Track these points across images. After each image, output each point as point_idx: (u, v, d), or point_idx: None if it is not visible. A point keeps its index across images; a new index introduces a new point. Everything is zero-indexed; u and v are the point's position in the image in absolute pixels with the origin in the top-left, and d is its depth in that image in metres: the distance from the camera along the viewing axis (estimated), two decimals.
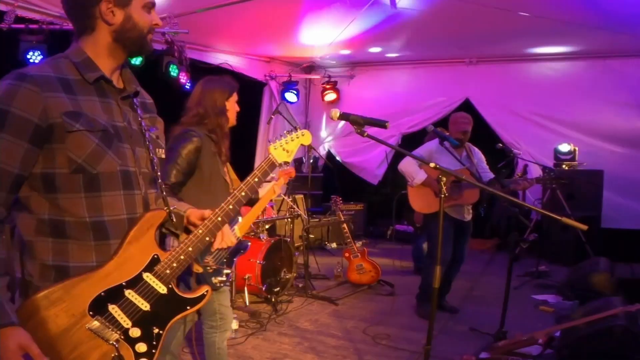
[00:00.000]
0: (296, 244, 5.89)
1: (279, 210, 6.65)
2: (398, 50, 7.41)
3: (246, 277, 4.52)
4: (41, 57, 4.73)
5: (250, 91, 7.97)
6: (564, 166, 6.54)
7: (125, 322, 1.38)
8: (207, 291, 1.54)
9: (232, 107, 2.69)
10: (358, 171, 8.50)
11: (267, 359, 3.48)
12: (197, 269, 2.41)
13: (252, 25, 6.13)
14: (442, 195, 2.26)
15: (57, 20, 4.83)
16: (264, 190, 3.43)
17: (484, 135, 6.97)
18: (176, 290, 1.48)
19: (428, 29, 6.19)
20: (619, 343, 2.97)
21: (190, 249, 1.48)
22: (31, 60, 4.70)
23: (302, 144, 1.80)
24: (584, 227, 1.93)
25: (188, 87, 5.95)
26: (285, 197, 5.82)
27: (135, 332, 1.40)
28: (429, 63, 7.81)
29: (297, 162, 8.46)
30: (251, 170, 1.69)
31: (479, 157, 4.49)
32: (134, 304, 1.40)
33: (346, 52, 7.38)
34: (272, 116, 6.02)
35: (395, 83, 8.10)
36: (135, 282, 1.40)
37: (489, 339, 3.75)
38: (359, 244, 5.41)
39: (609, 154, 6.71)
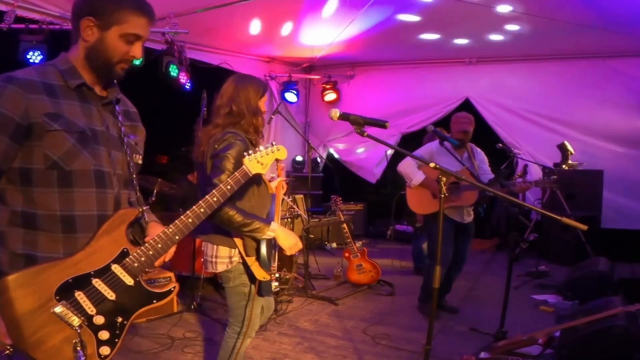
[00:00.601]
0: None
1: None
2: (398, 50, 7.42)
3: None
4: (41, 57, 4.72)
5: None
6: (563, 166, 6.54)
7: (90, 308, 1.45)
8: (174, 287, 1.64)
9: (263, 108, 2.56)
10: (356, 169, 8.50)
11: (267, 359, 3.48)
12: (266, 277, 2.42)
13: (253, 25, 6.13)
14: (442, 195, 2.26)
15: (57, 20, 4.83)
16: (273, 185, 3.38)
17: (484, 135, 6.98)
18: (143, 283, 1.55)
19: (428, 29, 6.19)
20: (619, 343, 2.97)
21: (159, 245, 1.56)
22: (31, 60, 4.70)
23: (277, 159, 1.94)
24: (584, 227, 1.93)
25: (188, 87, 5.96)
26: (285, 197, 5.82)
27: (99, 320, 1.47)
28: (429, 63, 7.81)
29: (297, 162, 8.47)
30: None
31: (481, 158, 4.48)
32: (100, 292, 1.47)
33: (346, 52, 7.38)
34: (272, 116, 6.02)
35: (395, 83, 8.10)
36: (103, 272, 1.48)
37: (488, 339, 3.75)
38: (358, 244, 5.41)
39: (609, 154, 6.72)
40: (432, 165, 2.18)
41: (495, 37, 6.29)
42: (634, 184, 6.55)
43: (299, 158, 8.48)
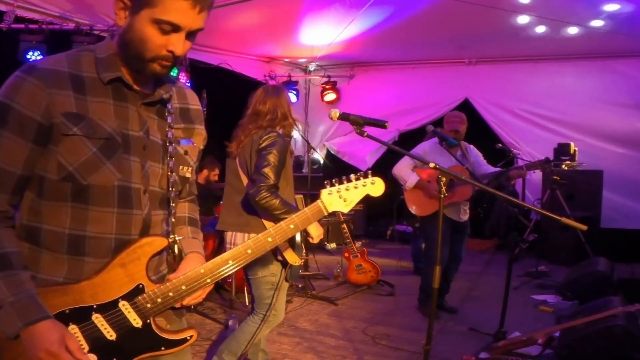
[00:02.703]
0: None
1: None
2: (398, 50, 7.42)
3: None
4: (41, 57, 4.73)
5: (249, 91, 7.94)
6: (563, 166, 6.54)
7: (82, 345, 1.23)
8: (191, 336, 1.36)
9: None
10: (348, 159, 8.39)
11: None
12: (298, 261, 2.57)
13: (252, 25, 6.13)
14: (442, 195, 2.26)
15: (57, 20, 4.83)
16: None
17: (483, 135, 6.99)
18: (154, 327, 1.30)
19: (428, 29, 6.20)
20: (619, 343, 2.97)
21: (183, 287, 1.29)
22: (31, 60, 4.71)
23: (369, 195, 1.51)
24: (584, 227, 1.93)
25: (188, 87, 5.95)
26: None
27: (92, 358, 1.25)
28: (429, 63, 7.81)
29: (297, 162, 8.47)
30: None
31: (475, 153, 4.50)
32: (99, 330, 1.25)
33: (346, 52, 7.38)
34: None
35: (395, 83, 8.10)
36: (108, 308, 1.25)
37: (488, 339, 3.75)
38: (358, 244, 5.41)
39: (609, 154, 6.72)
40: (431, 165, 2.18)
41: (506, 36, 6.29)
42: (634, 184, 6.55)
43: (299, 158, 8.48)
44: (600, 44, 6.28)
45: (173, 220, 1.38)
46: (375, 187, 1.52)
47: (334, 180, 1.46)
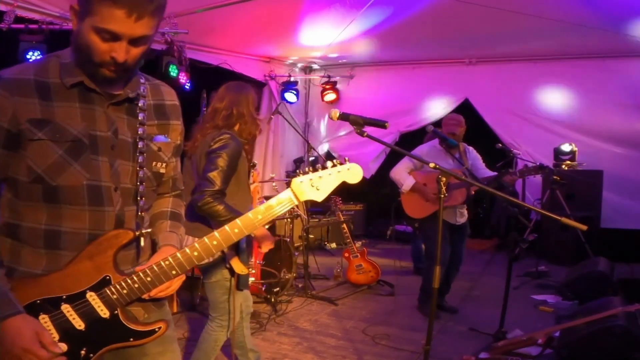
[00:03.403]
0: (296, 244, 5.89)
1: None
2: (398, 50, 7.42)
3: None
4: (41, 57, 4.72)
5: None
6: (563, 166, 6.54)
7: (53, 335, 1.29)
8: (159, 328, 1.39)
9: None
10: None
11: (267, 359, 3.48)
12: (244, 270, 2.48)
13: (252, 25, 6.13)
14: (442, 196, 2.27)
15: (57, 20, 4.83)
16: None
17: (483, 136, 6.99)
18: (122, 318, 1.34)
19: (428, 29, 6.19)
20: (619, 343, 2.97)
21: (148, 279, 1.33)
22: (31, 60, 4.70)
23: (346, 182, 1.43)
24: (584, 227, 1.93)
25: (188, 87, 5.96)
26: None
27: (62, 347, 1.29)
28: (429, 63, 7.81)
29: (297, 162, 8.47)
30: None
31: (474, 155, 4.51)
32: (67, 320, 1.30)
33: (346, 52, 7.38)
34: (272, 116, 6.02)
35: (395, 83, 8.09)
36: (76, 299, 1.30)
37: (488, 339, 3.75)
38: (358, 244, 5.41)
39: (609, 154, 6.72)
40: (431, 165, 2.18)
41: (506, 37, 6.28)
42: (634, 185, 6.55)
43: (299, 158, 8.48)
44: (600, 44, 6.28)
45: (141, 214, 1.41)
46: (352, 173, 1.43)
47: (307, 168, 1.41)
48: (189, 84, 5.96)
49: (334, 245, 7.38)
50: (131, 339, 1.36)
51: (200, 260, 1.37)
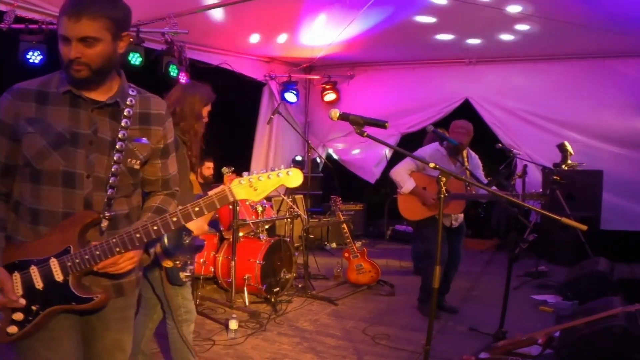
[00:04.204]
0: (296, 244, 5.89)
1: (278, 211, 6.65)
2: (398, 50, 7.42)
3: (246, 277, 4.52)
4: (41, 57, 4.72)
5: (249, 91, 7.96)
6: (563, 166, 6.54)
7: (18, 290, 1.59)
8: (97, 296, 1.63)
9: (205, 115, 2.79)
10: (355, 169, 8.49)
11: (267, 359, 3.48)
12: (168, 263, 2.47)
13: (252, 25, 6.13)
14: (442, 196, 2.27)
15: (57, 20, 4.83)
16: (214, 192, 3.46)
17: (483, 136, 6.98)
18: (70, 283, 1.61)
19: (428, 29, 6.20)
20: (619, 343, 2.97)
21: (97, 252, 1.59)
22: (31, 61, 4.70)
23: (284, 185, 1.60)
24: (584, 227, 1.93)
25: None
26: (285, 197, 5.82)
27: (21, 302, 1.58)
28: (429, 63, 7.81)
29: (297, 162, 8.47)
30: (248, 170, 1.66)
31: (476, 163, 4.50)
32: (32, 279, 1.60)
33: (346, 52, 7.38)
34: (272, 116, 6.03)
35: (395, 83, 8.09)
36: (42, 263, 1.60)
37: (488, 339, 3.75)
38: (358, 244, 5.41)
39: (608, 155, 6.71)
40: (431, 165, 2.19)
41: (506, 37, 6.28)
42: (634, 185, 6.54)
43: (299, 158, 8.47)
44: (600, 44, 6.28)
45: (110, 200, 1.67)
46: (292, 177, 1.59)
47: (255, 171, 1.57)
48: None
49: (334, 245, 7.38)
50: (72, 303, 1.62)
51: (142, 243, 1.60)
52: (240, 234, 4.80)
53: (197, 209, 1.58)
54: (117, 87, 1.68)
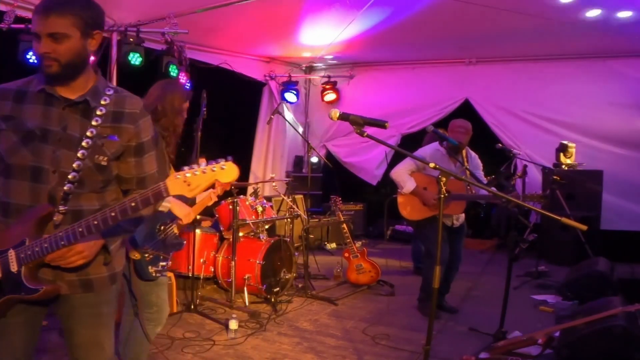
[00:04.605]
0: (296, 244, 5.89)
1: (278, 211, 6.65)
2: (398, 50, 7.42)
3: (246, 277, 4.52)
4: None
5: (249, 91, 7.97)
6: (563, 166, 6.54)
7: None
8: (42, 288, 1.66)
9: (184, 112, 2.83)
10: (357, 171, 8.49)
11: (267, 359, 3.48)
12: (135, 255, 2.45)
13: (252, 25, 6.13)
14: (442, 196, 2.27)
15: None
16: (201, 196, 3.47)
17: (483, 136, 6.99)
18: (23, 274, 1.66)
19: (428, 29, 6.20)
20: (619, 343, 2.97)
21: (45, 245, 1.63)
22: (31, 60, 4.69)
23: (218, 180, 1.53)
24: (584, 227, 1.94)
25: (188, 87, 5.96)
26: (285, 197, 5.82)
27: None
28: (429, 63, 7.81)
29: (297, 162, 8.47)
30: (247, 170, 1.64)
31: (476, 163, 4.50)
32: None
33: (346, 52, 7.38)
34: (272, 116, 6.03)
35: (395, 83, 8.09)
36: (2, 253, 1.67)
37: (488, 339, 3.75)
38: (358, 244, 5.41)
39: (608, 155, 6.71)
40: (431, 165, 2.19)
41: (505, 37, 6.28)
42: (634, 186, 6.54)
43: (299, 158, 8.47)
44: (600, 44, 6.28)
45: (63, 194, 1.69)
46: (226, 172, 1.52)
47: (193, 166, 1.52)
48: (189, 84, 5.96)
49: (334, 245, 7.38)
50: (22, 293, 1.66)
51: (84, 237, 1.62)
52: (240, 234, 4.80)
53: (133, 204, 1.58)
54: (90, 86, 1.73)
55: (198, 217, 4.94)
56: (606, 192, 6.53)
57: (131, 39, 5.27)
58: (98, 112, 1.71)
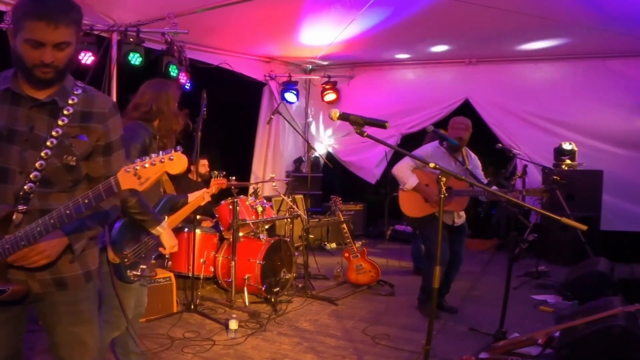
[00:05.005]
0: (296, 244, 5.89)
1: (278, 211, 6.65)
2: (398, 50, 7.42)
3: (246, 277, 4.52)
4: None
5: (249, 91, 7.97)
6: (563, 166, 6.53)
7: None
8: (9, 288, 1.65)
9: (182, 116, 2.80)
10: (356, 170, 8.50)
11: (267, 359, 3.48)
12: (114, 259, 2.41)
13: (252, 25, 6.13)
14: (442, 195, 2.27)
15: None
16: (194, 196, 3.51)
17: (483, 136, 6.99)
18: None
19: (428, 29, 6.20)
20: (618, 343, 2.97)
21: (7, 246, 1.60)
22: None
23: (167, 172, 1.49)
24: (584, 227, 1.93)
25: (188, 87, 5.96)
26: (285, 197, 5.82)
27: None
28: (429, 63, 7.82)
29: (297, 162, 8.47)
30: (248, 170, 1.63)
31: (475, 163, 4.50)
32: None
33: (346, 52, 7.38)
34: (272, 116, 6.03)
35: (395, 83, 8.10)
36: None
37: (488, 339, 3.75)
38: (358, 244, 5.41)
39: (608, 155, 6.71)
40: (431, 165, 2.19)
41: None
42: (634, 186, 6.54)
43: (299, 158, 8.47)
44: (600, 44, 6.28)
45: (30, 195, 1.67)
46: (174, 163, 1.47)
47: (144, 158, 1.47)
48: (189, 84, 5.96)
49: (334, 245, 7.38)
50: None
51: (42, 236, 1.58)
52: (240, 234, 4.80)
53: (86, 200, 1.54)
54: (58, 86, 1.69)
55: (198, 217, 4.96)
56: (606, 192, 6.53)
57: (131, 39, 5.27)
58: (65, 112, 1.69)
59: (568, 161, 6.56)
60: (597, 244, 5.95)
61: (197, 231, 4.66)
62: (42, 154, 1.66)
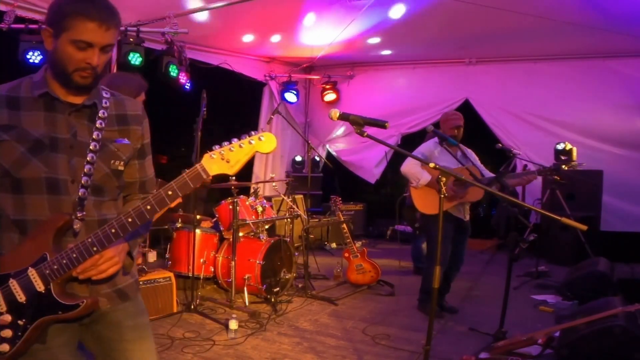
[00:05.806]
0: (296, 244, 5.89)
1: (278, 211, 6.65)
2: (398, 50, 7.42)
3: (246, 277, 4.52)
4: (41, 57, 4.72)
5: (249, 91, 7.97)
6: (563, 166, 6.52)
7: (1, 306, 1.50)
8: (82, 302, 1.52)
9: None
10: (356, 169, 8.50)
11: (267, 359, 3.48)
12: None
13: (252, 25, 6.14)
14: (442, 195, 2.27)
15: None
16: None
17: (483, 136, 7.00)
18: (54, 292, 1.52)
19: (428, 29, 6.20)
20: (618, 343, 2.97)
21: (74, 255, 1.50)
22: (31, 60, 4.70)
23: (258, 152, 1.46)
24: (584, 227, 1.93)
25: (188, 87, 5.96)
26: (285, 197, 5.82)
27: (6, 318, 1.50)
28: (429, 63, 7.82)
29: (297, 163, 8.47)
30: (249, 170, 1.62)
31: (473, 158, 4.50)
32: (12, 293, 1.50)
33: (346, 52, 7.38)
34: (272, 116, 6.03)
35: (395, 83, 8.11)
36: (20, 274, 1.51)
37: (488, 339, 3.75)
38: (358, 244, 5.41)
39: (608, 155, 6.71)
40: (431, 165, 2.19)
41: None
42: (633, 187, 6.54)
43: (299, 158, 8.47)
44: (600, 44, 6.28)
45: (78, 200, 1.57)
46: (264, 143, 1.44)
47: (224, 143, 1.44)
48: (189, 84, 5.96)
49: (334, 245, 7.38)
50: (59, 312, 1.52)
51: (118, 237, 1.50)
52: (240, 234, 4.80)
53: (170, 192, 1.46)
54: (94, 90, 1.64)
55: (198, 217, 4.96)
56: (606, 192, 6.53)
57: (131, 39, 5.27)
58: (100, 115, 1.61)
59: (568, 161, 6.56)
60: (597, 244, 5.95)
61: (197, 231, 4.66)
62: (88, 158, 1.58)
